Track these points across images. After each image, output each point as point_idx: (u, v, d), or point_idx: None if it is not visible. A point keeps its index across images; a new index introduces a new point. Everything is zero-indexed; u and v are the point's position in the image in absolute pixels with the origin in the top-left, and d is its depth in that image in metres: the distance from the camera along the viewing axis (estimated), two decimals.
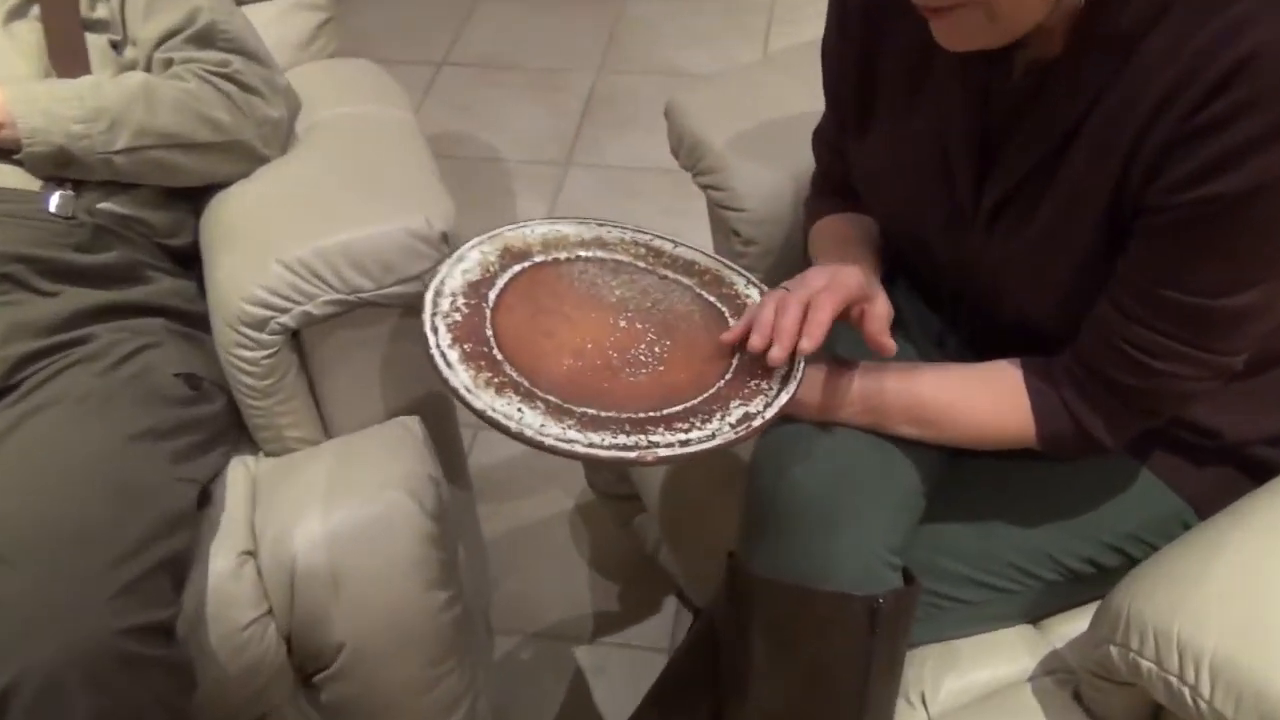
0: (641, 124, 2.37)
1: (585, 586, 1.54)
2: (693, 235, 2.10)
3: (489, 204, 2.18)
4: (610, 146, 2.32)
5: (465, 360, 0.80)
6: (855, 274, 0.83)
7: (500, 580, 1.55)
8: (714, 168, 1.21)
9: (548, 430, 0.75)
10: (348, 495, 1.02)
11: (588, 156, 2.30)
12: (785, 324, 0.81)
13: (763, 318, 0.82)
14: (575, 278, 0.93)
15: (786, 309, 0.81)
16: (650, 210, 2.15)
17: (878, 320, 0.83)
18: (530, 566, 1.57)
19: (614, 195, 2.20)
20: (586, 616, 1.50)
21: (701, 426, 0.78)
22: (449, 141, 2.30)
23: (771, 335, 0.81)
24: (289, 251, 1.03)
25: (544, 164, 2.28)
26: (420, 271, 1.06)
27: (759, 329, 0.82)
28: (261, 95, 1.16)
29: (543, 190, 2.22)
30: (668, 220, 2.12)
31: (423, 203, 1.09)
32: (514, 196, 2.20)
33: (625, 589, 1.54)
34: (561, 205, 2.18)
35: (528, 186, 2.23)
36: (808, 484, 0.86)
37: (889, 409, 0.88)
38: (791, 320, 0.81)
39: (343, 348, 1.10)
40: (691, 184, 1.27)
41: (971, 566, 0.93)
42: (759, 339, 0.82)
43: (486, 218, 2.13)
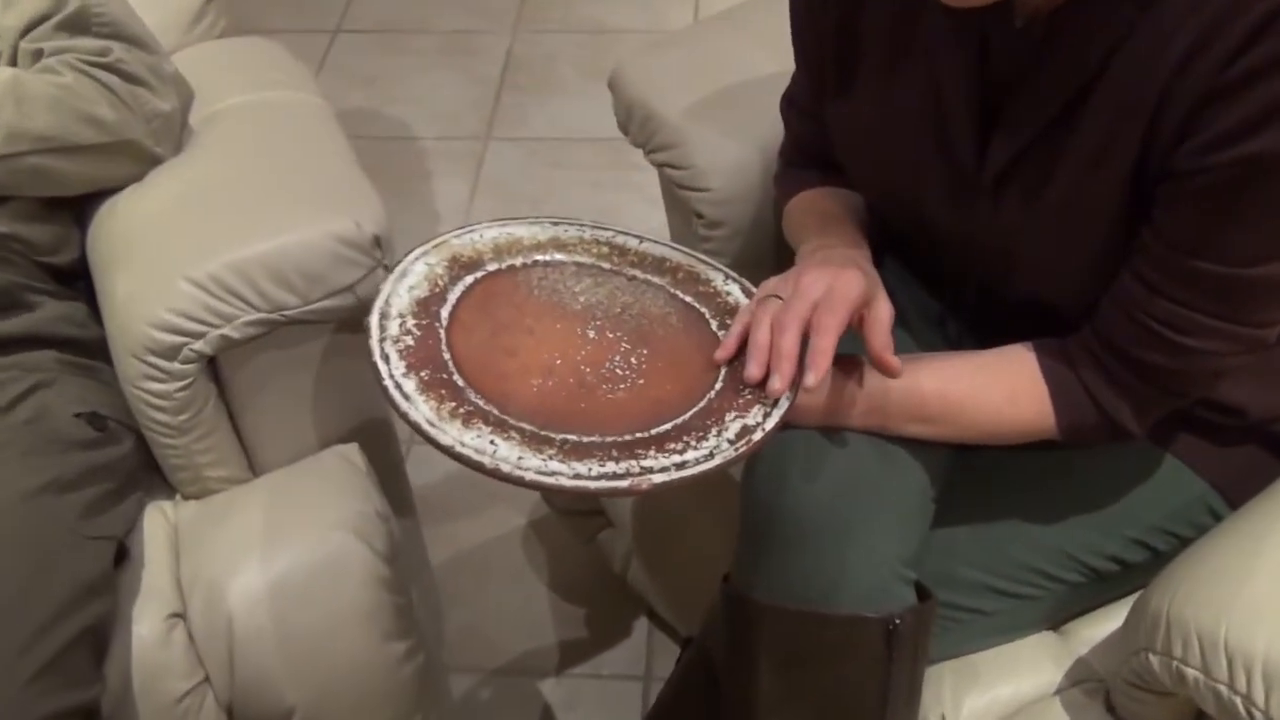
0: (567, 88, 2.35)
1: (546, 613, 1.53)
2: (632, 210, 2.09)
3: (404, 189, 2.14)
4: (533, 115, 2.30)
5: (424, 390, 0.78)
6: (856, 280, 0.82)
7: (448, 612, 1.53)
8: (670, 143, 1.19)
9: (526, 463, 0.73)
10: (286, 541, 1.00)
11: (510, 128, 2.27)
12: (785, 348, 0.80)
13: (758, 340, 0.81)
14: (534, 286, 0.92)
15: (785, 329, 0.80)
16: (581, 184, 2.13)
17: (881, 331, 0.82)
18: (482, 594, 1.55)
19: (541, 169, 2.18)
20: (550, 647, 1.49)
21: (697, 445, 0.77)
22: (352, 120, 2.25)
23: (769, 361, 0.80)
24: (198, 267, 1.00)
25: (462, 139, 2.25)
26: (352, 282, 1.04)
27: (755, 354, 0.81)
28: (148, 86, 1.12)
29: (462, 169, 2.18)
30: (603, 195, 2.11)
31: (349, 202, 1.06)
32: (431, 178, 2.17)
33: (591, 613, 1.53)
34: (484, 184, 2.15)
35: (446, 166, 2.19)
36: (810, 497, 0.85)
37: (894, 408, 0.87)
38: (791, 344, 0.80)
39: (267, 372, 1.07)
40: (626, 153, 1.26)
41: (988, 573, 0.93)
42: (756, 367, 0.81)
43: (403, 206, 2.10)
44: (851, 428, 0.88)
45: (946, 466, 0.93)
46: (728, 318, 0.91)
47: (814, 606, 0.84)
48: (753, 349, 0.82)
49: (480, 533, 1.62)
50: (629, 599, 1.47)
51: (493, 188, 2.15)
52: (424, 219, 2.09)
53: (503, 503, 1.65)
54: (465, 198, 2.14)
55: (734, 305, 0.92)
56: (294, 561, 0.99)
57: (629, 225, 1.00)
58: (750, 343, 0.82)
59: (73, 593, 0.89)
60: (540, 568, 1.58)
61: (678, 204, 1.24)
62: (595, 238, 0.97)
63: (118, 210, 1.11)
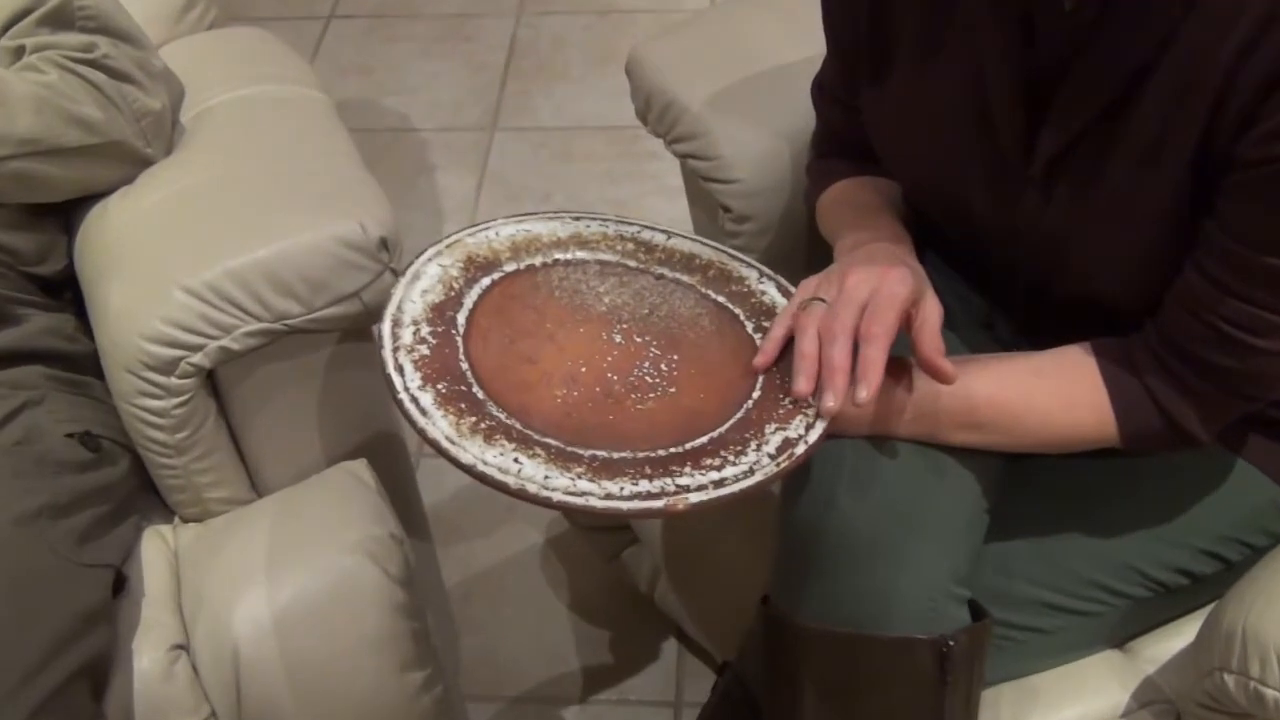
0: (575, 74, 2.35)
1: (567, 636, 1.52)
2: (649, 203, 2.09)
3: (404, 185, 2.14)
4: (540, 104, 2.30)
5: (442, 404, 0.78)
6: (903, 278, 0.82)
7: (463, 636, 1.53)
8: (693, 132, 1.19)
9: (554, 483, 0.73)
10: (295, 565, 1.00)
11: (515, 118, 2.27)
12: (836, 360, 0.80)
13: (805, 351, 0.81)
14: (555, 286, 0.92)
15: (834, 339, 0.80)
16: (593, 176, 2.13)
17: (931, 334, 0.82)
18: (498, 617, 1.55)
19: (550, 161, 2.18)
20: (572, 673, 1.49)
21: (736, 461, 0.77)
22: (347, 113, 2.24)
23: (820, 374, 0.80)
24: (195, 275, 1.00)
25: (464, 130, 2.25)
26: (358, 288, 1.03)
27: (804, 367, 0.81)
28: (137, 83, 1.12)
29: (466, 162, 2.18)
30: (617, 187, 2.11)
31: (353, 203, 1.06)
32: (433, 173, 2.17)
33: (616, 635, 1.52)
34: (490, 178, 2.15)
35: (448, 160, 2.19)
36: (857, 511, 0.85)
37: (943, 415, 0.87)
38: (842, 356, 0.80)
39: (269, 385, 1.07)
40: (640, 141, 1.26)
41: (1047, 589, 0.93)
42: (806, 381, 0.80)
43: (403, 203, 2.10)
44: (899, 436, 0.87)
45: (1000, 476, 0.93)
46: (764, 319, 0.90)
47: (862, 629, 0.84)
48: (800, 361, 0.81)
49: (495, 551, 1.62)
50: (657, 620, 1.46)
51: (499, 182, 2.15)
52: (426, 217, 2.09)
53: (519, 519, 1.65)
54: (470, 193, 2.14)
55: (769, 305, 0.92)
56: (303, 587, 0.98)
57: (648, 219, 1.00)
58: (796, 354, 0.82)
59: (69, 625, 0.88)
60: (560, 588, 1.58)
61: (702, 197, 1.24)
62: (620, 233, 0.97)
63: (107, 215, 1.11)
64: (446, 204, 2.12)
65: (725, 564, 1.15)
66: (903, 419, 0.87)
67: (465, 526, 1.65)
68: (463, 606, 1.56)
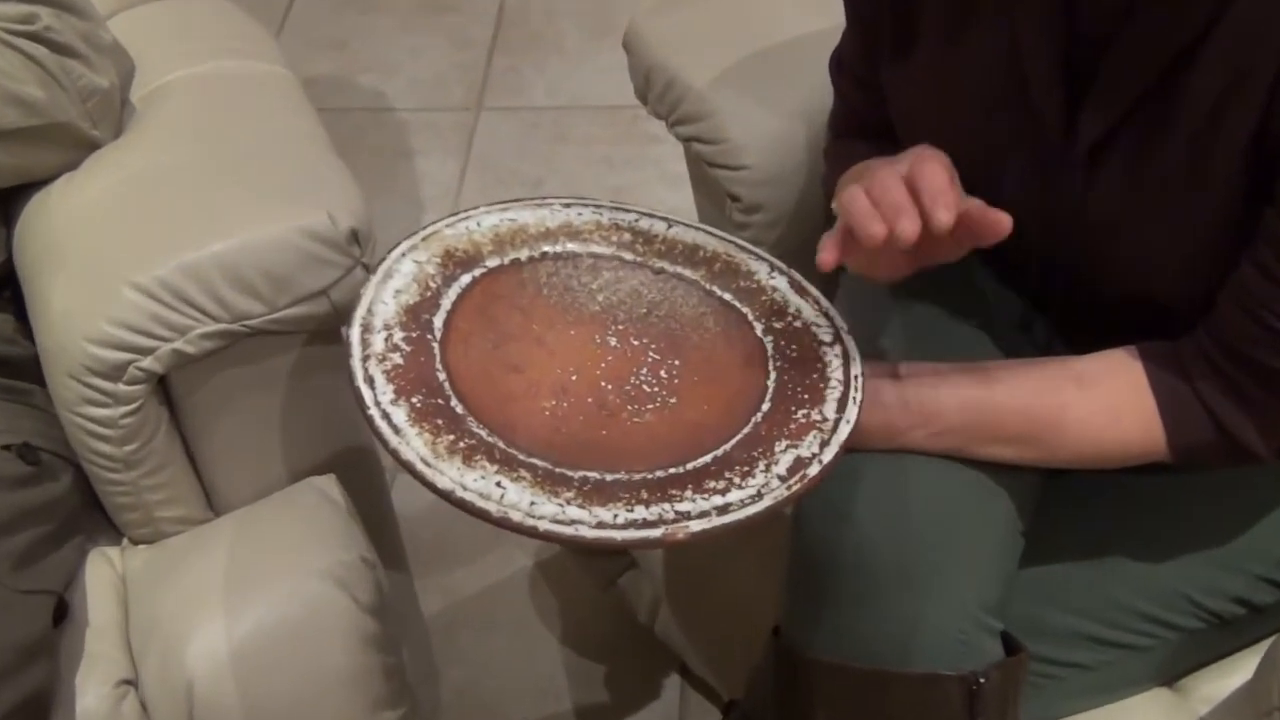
0: (568, 48, 2.35)
1: (559, 671, 1.53)
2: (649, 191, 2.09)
3: (380, 172, 2.15)
4: (531, 82, 2.30)
5: (416, 420, 0.77)
6: (934, 152, 0.82)
7: (444, 671, 1.53)
8: (698, 113, 1.19)
9: (540, 510, 0.73)
10: (255, 593, 1.00)
11: (503, 97, 2.28)
12: (898, 200, 0.78)
13: (859, 209, 0.79)
14: (543, 284, 0.92)
15: (885, 187, 0.79)
16: (589, 161, 2.14)
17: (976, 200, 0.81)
18: (483, 650, 1.55)
19: (542, 144, 2.18)
20: (565, 712, 1.49)
21: (742, 483, 0.77)
22: (317, 91, 2.26)
23: (887, 216, 0.78)
24: (146, 270, 1.00)
25: (447, 111, 2.25)
26: (326, 285, 1.04)
27: (863, 219, 0.78)
28: (82, 58, 1.12)
29: (448, 146, 2.19)
30: (615, 173, 2.11)
31: (322, 191, 1.06)
32: (411, 158, 2.18)
33: (613, 671, 1.52)
34: (475, 164, 2.16)
35: (428, 143, 2.20)
36: (877, 534, 0.85)
37: (974, 426, 0.87)
38: (900, 195, 0.78)
39: (227, 392, 1.07)
40: (641, 123, 1.26)
41: (1089, 620, 0.93)
42: (874, 224, 0.77)
43: (379, 192, 2.10)
44: (923, 451, 0.88)
45: (1036, 494, 0.93)
46: (775, 319, 0.90)
47: (883, 664, 0.84)
48: (857, 218, 0.79)
49: (479, 578, 1.62)
50: (657, 654, 1.46)
51: (485, 167, 2.15)
52: (404, 207, 2.10)
53: (506, 542, 1.65)
54: (452, 180, 2.14)
55: (781, 304, 0.92)
56: (264, 617, 0.98)
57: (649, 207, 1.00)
58: (855, 215, 0.79)
59: (4, 658, 0.88)
60: (551, 617, 1.58)
61: (708, 184, 1.24)
62: (615, 222, 0.97)
63: (49, 205, 1.11)
64: (426, 192, 2.13)
65: (733, 591, 1.16)
66: (927, 431, 0.87)
67: (446, 550, 1.65)
68: (443, 639, 1.56)
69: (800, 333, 0.89)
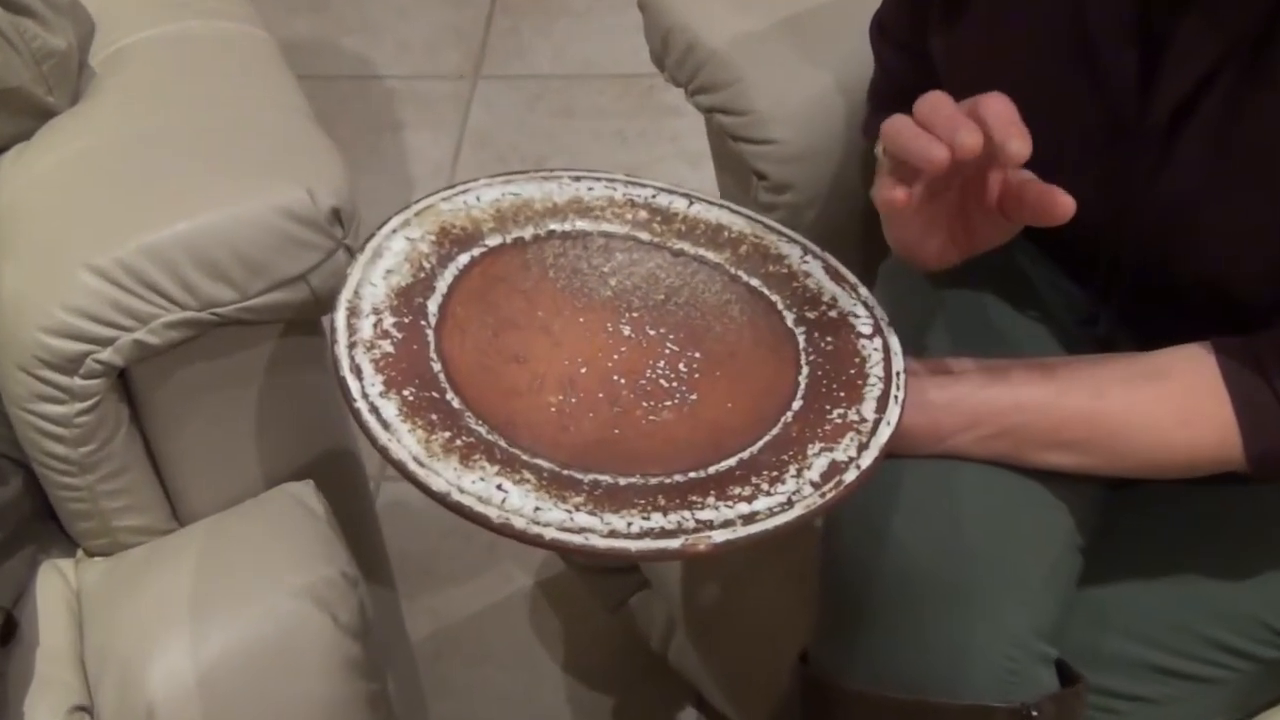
0: (576, 8, 2.36)
1: (562, 703, 1.53)
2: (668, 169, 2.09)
3: (366, 146, 2.15)
4: (535, 46, 2.30)
5: (408, 415, 0.78)
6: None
7: (432, 702, 1.53)
8: (720, 81, 1.20)
9: (546, 517, 0.73)
10: (224, 611, 1.00)
11: (504, 63, 2.28)
12: (949, 113, 0.77)
13: (908, 131, 0.78)
14: (550, 265, 0.92)
15: (934, 105, 0.78)
16: (599, 136, 2.14)
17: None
18: (476, 679, 1.56)
19: (546, 117, 2.19)
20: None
21: (770, 489, 0.77)
22: (296, 56, 2.25)
23: (943, 132, 0.76)
24: (104, 252, 1.00)
25: (441, 79, 2.26)
26: (305, 269, 1.04)
27: (916, 140, 0.76)
28: (37, 17, 1.13)
29: (443, 118, 2.19)
30: (628, 150, 2.12)
31: (301, 166, 1.07)
32: (401, 130, 2.18)
33: (622, 703, 1.53)
34: (472, 138, 2.16)
35: (420, 114, 2.20)
36: (918, 551, 0.86)
37: (1028, 430, 0.87)
38: (953, 110, 0.77)
39: (194, 389, 1.08)
40: (659, 93, 1.26)
41: (1155, 648, 0.93)
42: (932, 145, 0.76)
43: (365, 168, 2.11)
44: (971, 456, 0.88)
45: (1098, 507, 0.93)
46: (807, 308, 0.91)
47: (925, 694, 0.84)
48: (914, 139, 0.78)
49: (474, 598, 1.63)
50: (672, 684, 1.47)
51: (482, 143, 2.16)
52: (391, 186, 2.10)
53: (503, 558, 1.65)
54: (445, 157, 2.15)
55: (815, 291, 0.92)
56: (233, 638, 0.99)
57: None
58: (905, 142, 0.78)
59: None
60: (553, 643, 1.58)
61: (732, 162, 1.25)
62: (630, 198, 0.97)
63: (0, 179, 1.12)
64: (417, 169, 2.13)
65: (757, 614, 1.16)
66: (975, 435, 0.87)
67: (436, 567, 1.65)
68: (432, 665, 1.57)
69: (836, 324, 0.90)
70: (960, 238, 0.87)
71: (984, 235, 0.86)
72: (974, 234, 0.86)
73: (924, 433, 0.87)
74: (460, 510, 0.73)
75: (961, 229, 0.87)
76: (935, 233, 0.87)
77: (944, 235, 0.87)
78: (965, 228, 0.87)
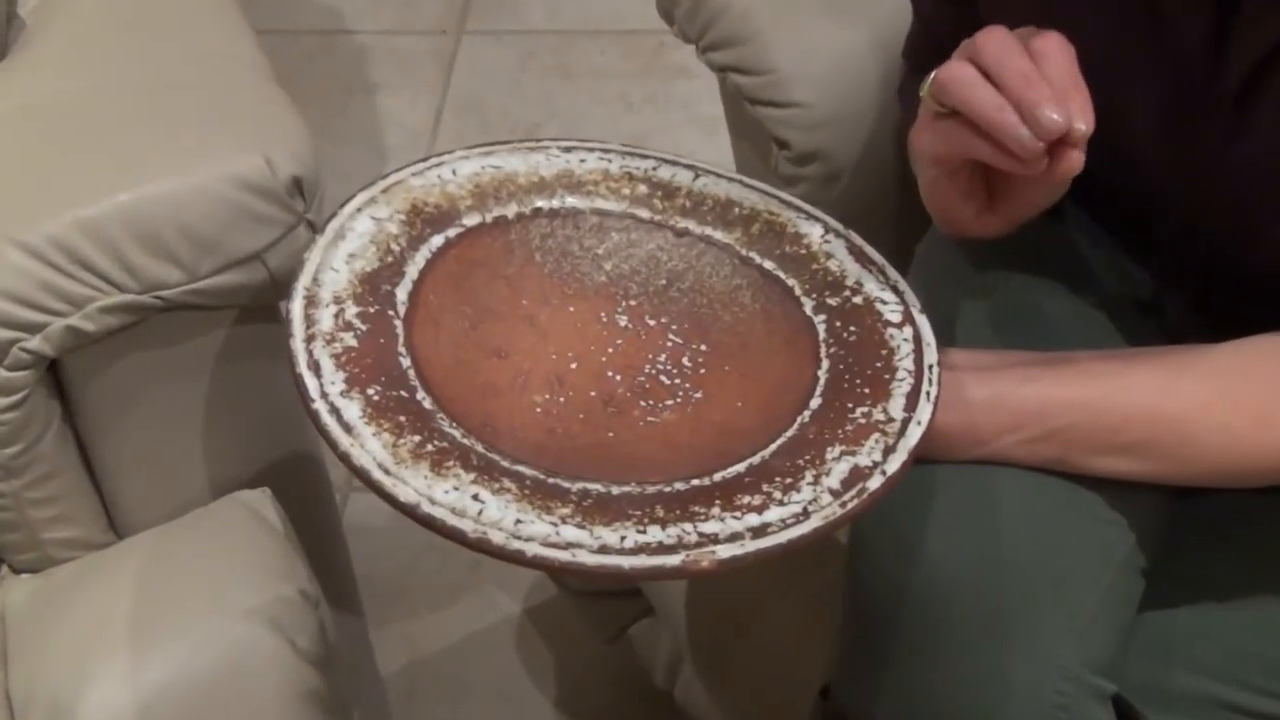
0: None
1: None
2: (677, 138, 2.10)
3: (333, 109, 2.16)
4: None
5: (373, 417, 0.78)
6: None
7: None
8: (737, 35, 1.20)
9: (528, 530, 0.73)
10: (167, 636, 1.01)
11: (491, 18, 2.28)
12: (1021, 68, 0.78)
13: (977, 91, 0.78)
14: (535, 248, 0.92)
15: (1003, 53, 0.78)
16: (600, 101, 2.14)
17: None
18: (458, 718, 1.56)
19: (540, 79, 2.19)
20: None
21: (784, 498, 0.77)
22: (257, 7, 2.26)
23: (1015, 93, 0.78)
24: (34, 227, 1.01)
25: (420, 34, 2.26)
26: (261, 247, 1.05)
27: (989, 108, 0.78)
28: None
29: (422, 79, 2.20)
30: (633, 117, 2.12)
31: (257, 131, 1.07)
32: (374, 92, 2.18)
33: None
34: (455, 102, 2.16)
35: (396, 74, 2.21)
36: (955, 568, 0.86)
37: (1081, 431, 0.87)
38: (1025, 63, 0.78)
39: (135, 383, 1.08)
40: (668, 51, 1.26)
41: (1228, 684, 0.93)
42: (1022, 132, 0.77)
43: (334, 135, 2.11)
44: (1015, 461, 0.88)
45: (1161, 521, 0.93)
46: (828, 294, 0.91)
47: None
48: (985, 105, 0.79)
49: (452, 626, 1.63)
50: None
51: (467, 107, 2.16)
52: (362, 156, 2.11)
53: (485, 580, 1.65)
54: (424, 124, 2.15)
55: (837, 274, 0.92)
56: (178, 666, 0.99)
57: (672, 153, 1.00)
58: (975, 105, 0.79)
59: None
60: (543, 680, 1.59)
61: (750, 128, 1.25)
62: (628, 170, 0.97)
63: None
64: (391, 138, 2.14)
65: (773, 644, 1.16)
66: (1021, 437, 0.87)
67: (410, 589, 1.66)
68: (405, 703, 1.57)
69: (861, 311, 0.90)
70: (998, 196, 0.87)
71: (1021, 194, 0.86)
72: (1011, 192, 0.86)
73: (961, 434, 0.87)
74: (432, 524, 0.74)
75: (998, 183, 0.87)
76: (975, 191, 0.88)
77: (980, 193, 0.87)
78: (999, 183, 0.87)
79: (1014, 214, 0.89)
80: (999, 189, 0.88)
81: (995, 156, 0.81)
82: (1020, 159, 0.79)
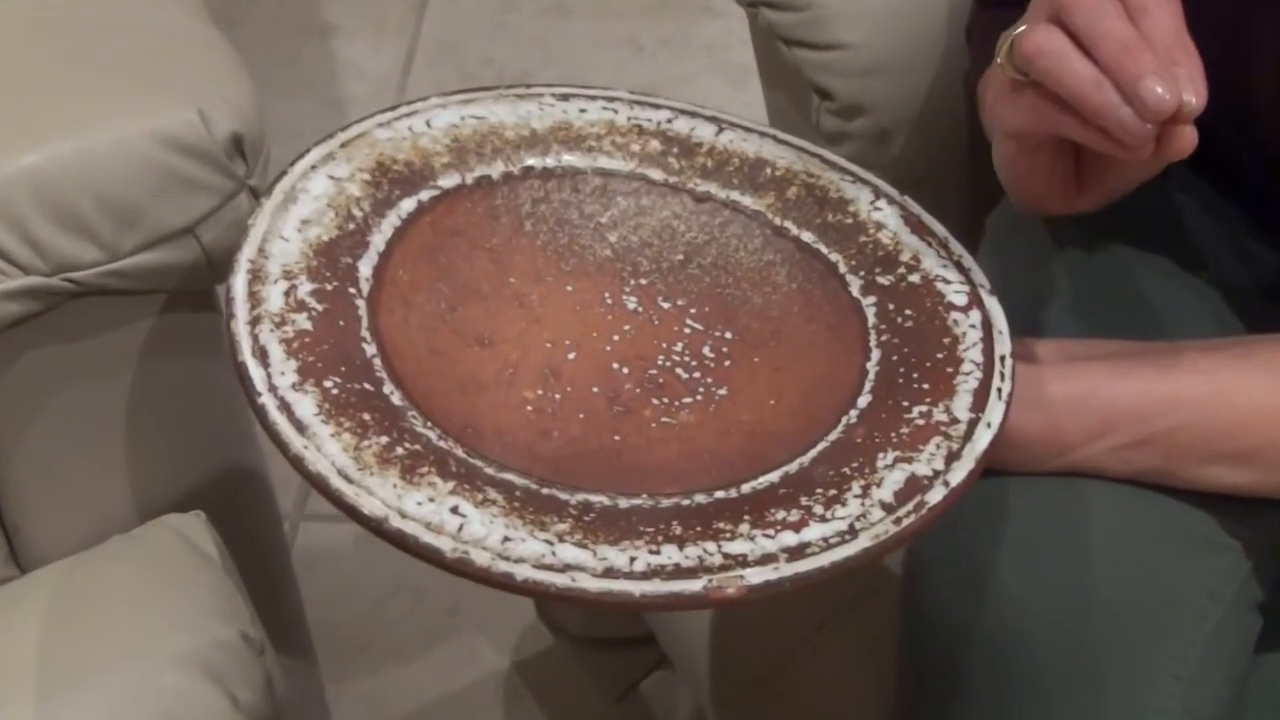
0: None
1: None
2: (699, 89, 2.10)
3: (283, 55, 2.16)
4: None
5: (331, 414, 0.78)
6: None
7: None
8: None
9: (519, 550, 0.73)
10: (82, 685, 1.01)
11: None
12: (1126, 36, 0.77)
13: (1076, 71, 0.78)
14: (526, 215, 0.93)
15: (1095, 16, 0.78)
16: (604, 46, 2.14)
17: None
18: None
19: (531, 20, 2.19)
20: None
21: (827, 514, 0.77)
22: None
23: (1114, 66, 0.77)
24: None
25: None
26: (193, 220, 1.05)
27: (1083, 84, 0.78)
28: None
29: (387, 20, 2.20)
30: (645, 64, 2.12)
31: (188, 79, 1.08)
32: (330, 36, 2.19)
33: None
34: (429, 47, 2.17)
35: (359, 14, 2.21)
36: (1034, 603, 0.86)
37: (1186, 435, 0.88)
38: (1125, 33, 0.77)
39: (43, 383, 1.09)
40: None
41: None
42: (1125, 114, 0.77)
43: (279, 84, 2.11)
44: (1106, 474, 0.88)
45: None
46: (880, 271, 0.91)
47: None
48: (1079, 80, 0.79)
49: (426, 681, 1.63)
50: None
51: (442, 53, 2.16)
52: (317, 109, 2.11)
53: (466, 625, 1.65)
54: (391, 72, 2.16)
55: (890, 248, 0.93)
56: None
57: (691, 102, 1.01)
58: (1065, 79, 0.79)
59: None
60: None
61: (786, 75, 1.26)
62: (636, 122, 0.98)
63: None
64: (351, 88, 2.14)
65: (817, 695, 1.16)
66: (1113, 443, 0.88)
67: (375, 639, 1.66)
68: None
69: (918, 292, 0.90)
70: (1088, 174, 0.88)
71: (1118, 173, 0.87)
72: (1105, 171, 0.87)
73: (1040, 439, 0.88)
74: (403, 542, 0.74)
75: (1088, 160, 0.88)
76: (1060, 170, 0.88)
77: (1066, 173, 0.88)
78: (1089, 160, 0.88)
79: (1106, 193, 0.89)
80: (1089, 166, 0.88)
81: (1090, 137, 0.81)
82: (1122, 143, 0.79)
